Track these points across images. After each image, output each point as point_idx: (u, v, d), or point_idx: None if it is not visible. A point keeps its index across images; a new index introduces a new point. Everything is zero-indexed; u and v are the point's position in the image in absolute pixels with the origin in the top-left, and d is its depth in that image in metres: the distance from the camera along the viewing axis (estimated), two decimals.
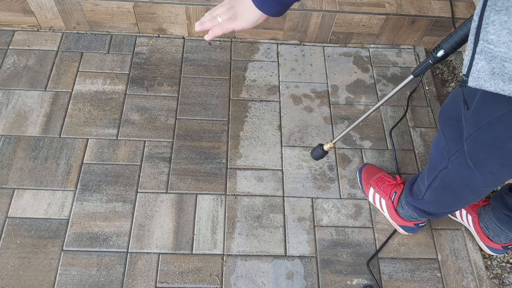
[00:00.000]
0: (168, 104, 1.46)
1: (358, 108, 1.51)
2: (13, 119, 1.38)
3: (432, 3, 1.59)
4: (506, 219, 1.13)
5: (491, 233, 1.20)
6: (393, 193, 1.24)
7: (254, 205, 1.29)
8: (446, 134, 0.93)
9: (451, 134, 0.91)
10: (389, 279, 1.20)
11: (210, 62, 1.57)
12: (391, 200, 1.24)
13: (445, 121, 0.94)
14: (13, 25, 1.58)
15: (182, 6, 1.50)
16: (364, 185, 1.32)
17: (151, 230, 1.22)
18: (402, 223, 1.23)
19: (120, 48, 1.57)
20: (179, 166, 1.34)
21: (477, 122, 0.78)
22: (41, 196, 1.25)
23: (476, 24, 0.61)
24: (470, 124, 0.80)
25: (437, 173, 0.99)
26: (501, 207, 1.13)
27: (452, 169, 0.93)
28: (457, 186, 0.95)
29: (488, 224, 1.19)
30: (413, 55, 1.66)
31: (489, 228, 1.19)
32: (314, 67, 1.60)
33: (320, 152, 1.19)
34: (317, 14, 1.53)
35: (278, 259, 1.21)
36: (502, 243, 1.19)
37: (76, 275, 1.14)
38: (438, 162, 0.98)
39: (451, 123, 0.91)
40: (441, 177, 0.98)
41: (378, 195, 1.27)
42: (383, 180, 1.28)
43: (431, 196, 1.06)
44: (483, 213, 1.21)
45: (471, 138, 0.81)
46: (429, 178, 1.02)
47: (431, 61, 0.91)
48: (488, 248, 1.22)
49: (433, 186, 1.02)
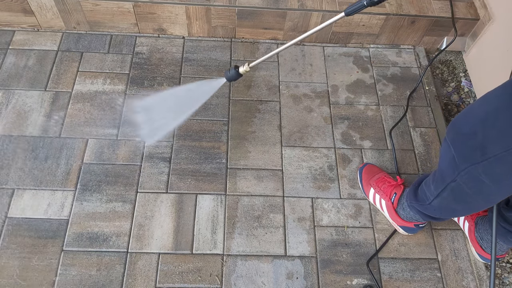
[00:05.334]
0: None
1: (358, 108, 1.51)
2: (13, 119, 1.38)
3: (432, 3, 1.59)
4: (503, 231, 1.11)
5: (484, 244, 1.19)
6: (393, 194, 1.23)
7: (254, 205, 1.29)
8: (456, 148, 0.89)
9: (462, 150, 0.87)
10: (389, 279, 1.20)
11: (210, 62, 1.57)
12: (391, 201, 1.23)
13: (456, 135, 0.89)
14: (13, 25, 1.58)
15: (182, 6, 1.50)
16: (364, 185, 1.32)
17: (151, 230, 1.22)
18: (402, 223, 1.22)
19: (120, 48, 1.57)
20: (179, 166, 1.34)
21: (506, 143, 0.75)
22: (41, 196, 1.25)
23: None
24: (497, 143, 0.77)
25: (445, 185, 0.96)
26: (498, 219, 1.10)
27: (462, 183, 0.90)
28: (468, 197, 0.93)
29: (483, 235, 1.19)
30: (413, 55, 1.66)
31: (483, 239, 1.19)
32: (314, 67, 1.60)
33: (234, 73, 1.16)
34: (317, 14, 1.53)
35: (278, 259, 1.21)
36: None
37: (76, 275, 1.14)
38: (446, 175, 0.94)
39: (462, 138, 0.86)
40: (450, 189, 0.95)
41: (379, 195, 1.27)
42: (383, 180, 1.28)
43: (440, 203, 1.04)
44: (480, 223, 1.20)
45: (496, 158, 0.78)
46: (438, 189, 1.00)
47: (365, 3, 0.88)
48: (479, 256, 1.22)
49: (443, 195, 1.00)
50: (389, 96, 1.53)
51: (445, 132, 0.94)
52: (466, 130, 0.85)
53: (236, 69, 1.17)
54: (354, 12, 0.90)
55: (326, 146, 1.41)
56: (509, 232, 1.09)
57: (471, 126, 0.83)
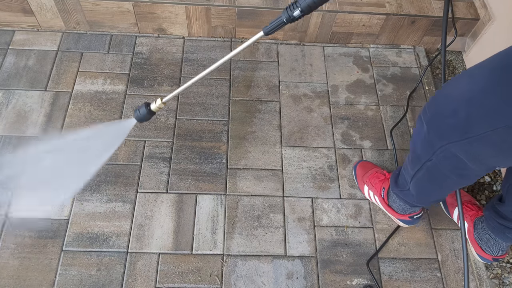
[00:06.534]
0: (168, 104, 1.45)
1: (358, 108, 1.51)
2: (13, 119, 1.38)
3: (432, 3, 1.59)
4: (500, 228, 1.12)
5: (484, 245, 1.19)
6: (382, 189, 1.24)
7: (254, 205, 1.29)
8: (432, 127, 0.88)
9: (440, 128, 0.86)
10: (389, 279, 1.20)
11: (210, 62, 1.57)
12: (382, 196, 1.24)
13: (435, 115, 0.88)
14: (13, 25, 1.58)
15: (182, 6, 1.50)
16: (359, 183, 1.32)
17: (151, 230, 1.22)
18: (398, 217, 1.23)
19: (120, 48, 1.57)
20: (179, 166, 1.34)
21: (492, 123, 0.74)
22: (41, 196, 1.25)
23: None
24: (482, 122, 0.76)
25: (421, 165, 0.97)
26: (494, 216, 1.12)
27: (438, 162, 0.91)
28: (443, 176, 0.94)
29: (482, 235, 1.19)
30: (413, 55, 1.66)
31: (483, 239, 1.19)
32: (314, 67, 1.60)
33: (145, 113, 1.04)
34: (317, 14, 1.53)
35: (278, 259, 1.21)
36: (494, 255, 1.19)
37: (76, 275, 1.14)
38: (422, 155, 0.95)
39: (441, 117, 0.86)
40: (426, 168, 0.97)
41: (372, 192, 1.27)
42: (374, 176, 1.28)
43: (416, 186, 1.06)
44: (478, 224, 1.21)
45: (479, 137, 0.78)
46: (414, 168, 1.01)
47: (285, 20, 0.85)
48: (479, 256, 1.22)
49: (418, 175, 1.01)
50: (389, 96, 1.53)
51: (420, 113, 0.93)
52: (448, 109, 0.84)
53: (147, 107, 1.04)
54: (273, 30, 0.87)
55: (326, 146, 1.41)
56: (506, 228, 1.10)
57: (455, 105, 0.82)
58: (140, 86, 1.49)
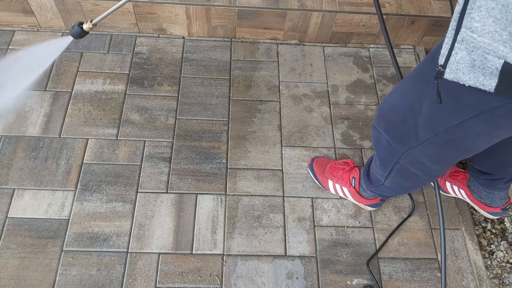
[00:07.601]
0: (168, 104, 1.46)
1: (358, 108, 1.51)
2: (13, 119, 1.38)
3: (432, 3, 1.59)
4: (489, 182, 1.17)
5: (486, 201, 1.23)
6: (352, 179, 1.25)
7: (254, 205, 1.29)
8: (391, 135, 0.92)
9: (398, 136, 0.90)
10: (389, 279, 1.20)
11: (210, 62, 1.57)
12: (353, 186, 1.25)
13: (388, 124, 0.91)
14: (13, 25, 1.58)
15: (182, 6, 1.50)
16: (321, 180, 1.31)
17: (151, 230, 1.22)
18: (368, 202, 1.25)
19: (120, 48, 1.57)
20: (179, 166, 1.34)
21: (432, 128, 0.78)
22: (41, 196, 1.25)
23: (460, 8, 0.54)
24: (425, 130, 0.80)
25: (391, 168, 1.00)
26: (477, 174, 1.17)
27: (405, 164, 0.94)
28: (414, 175, 0.97)
29: (480, 193, 1.23)
30: (413, 55, 1.66)
31: (483, 196, 1.23)
32: (314, 67, 1.60)
33: (78, 30, 1.13)
34: (317, 14, 1.53)
35: (278, 259, 1.21)
36: (500, 205, 1.23)
37: (76, 275, 1.14)
38: (388, 160, 0.99)
39: (395, 126, 0.89)
40: (396, 170, 1.00)
41: (338, 184, 1.28)
42: (336, 169, 1.29)
43: (391, 183, 1.08)
44: (472, 184, 1.24)
45: (428, 142, 0.82)
46: (385, 171, 1.04)
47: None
48: (490, 214, 1.26)
49: (391, 176, 1.04)
50: None
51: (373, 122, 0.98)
52: (397, 120, 0.87)
53: (80, 25, 1.12)
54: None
55: (326, 146, 1.41)
56: (494, 181, 1.15)
57: (401, 115, 0.85)
58: (140, 86, 1.49)
